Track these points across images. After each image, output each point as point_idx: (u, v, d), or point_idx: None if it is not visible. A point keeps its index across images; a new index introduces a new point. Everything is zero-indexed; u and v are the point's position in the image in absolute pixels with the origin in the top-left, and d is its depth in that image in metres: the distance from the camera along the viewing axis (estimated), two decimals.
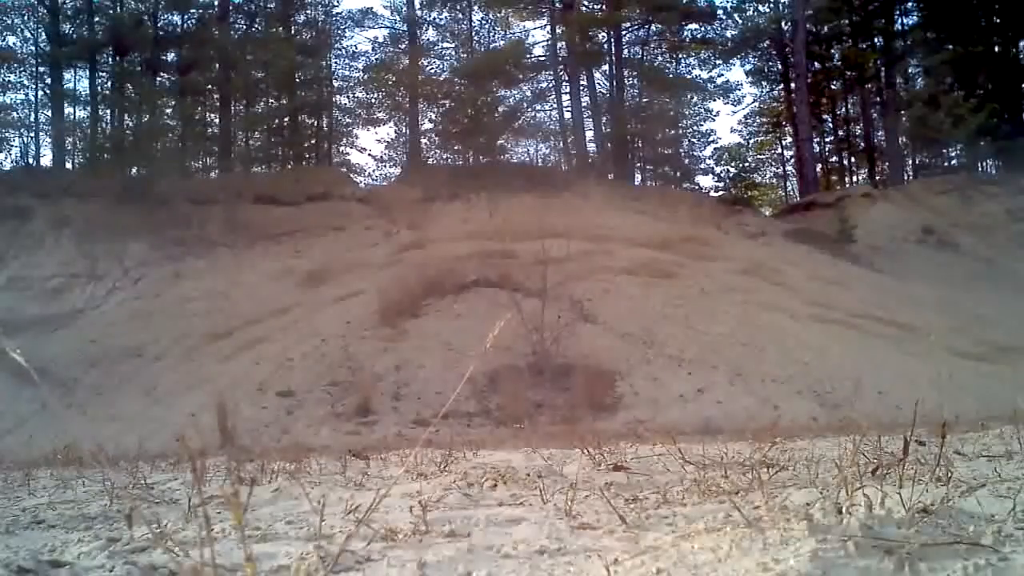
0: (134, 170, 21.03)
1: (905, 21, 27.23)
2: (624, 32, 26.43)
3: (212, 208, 19.67)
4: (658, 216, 20.28)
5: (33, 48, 24.86)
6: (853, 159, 29.81)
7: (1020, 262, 16.40)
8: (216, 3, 25.26)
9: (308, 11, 27.26)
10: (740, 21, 27.83)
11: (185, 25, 25.28)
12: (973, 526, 1.62)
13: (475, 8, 26.81)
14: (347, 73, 27.89)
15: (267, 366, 12.79)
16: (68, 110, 24.99)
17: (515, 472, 3.41)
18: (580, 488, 2.66)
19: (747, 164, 30.87)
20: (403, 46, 26.64)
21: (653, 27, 26.63)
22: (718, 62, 27.87)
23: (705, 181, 29.45)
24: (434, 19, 27.39)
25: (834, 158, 30.29)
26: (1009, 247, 18.23)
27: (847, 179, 29.36)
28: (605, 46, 26.52)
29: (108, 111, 24.65)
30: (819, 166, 27.81)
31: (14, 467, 5.46)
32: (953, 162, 27.06)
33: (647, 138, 27.33)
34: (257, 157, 26.97)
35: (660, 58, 28.07)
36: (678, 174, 28.36)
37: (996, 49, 25.02)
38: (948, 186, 22.56)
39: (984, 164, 26.03)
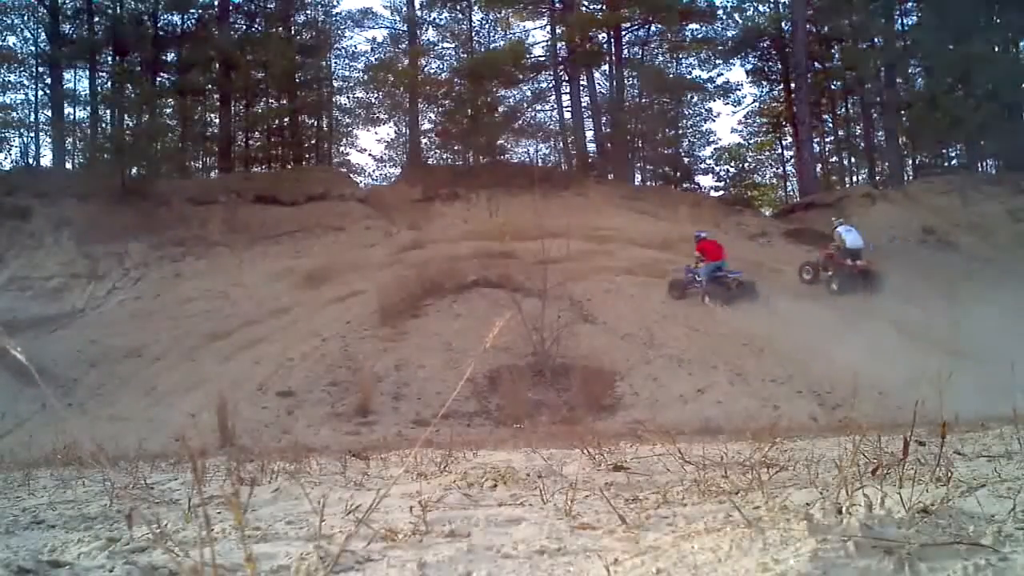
0: (134, 170, 21.04)
1: (905, 21, 27.25)
2: (624, 32, 26.42)
3: (212, 208, 19.68)
4: (658, 216, 20.29)
5: (33, 48, 24.87)
6: (853, 159, 29.79)
7: (1020, 262, 16.39)
8: (216, 3, 25.26)
9: (308, 11, 27.26)
10: (740, 21, 27.84)
11: (185, 25, 25.30)
12: (973, 526, 1.62)
13: (475, 8, 26.81)
14: (347, 73, 27.90)
15: (267, 366, 12.80)
16: (68, 110, 25.03)
17: (515, 472, 3.41)
18: (580, 488, 2.66)
19: (747, 164, 30.91)
20: (403, 46, 26.64)
21: (653, 27, 26.62)
22: (718, 62, 27.88)
23: (705, 181, 29.48)
24: (434, 19, 27.40)
25: (834, 158, 30.28)
26: (1009, 247, 18.22)
27: (847, 179, 29.34)
28: (605, 46, 26.51)
29: (108, 111, 24.66)
30: (819, 166, 27.79)
31: (14, 467, 5.46)
32: (953, 162, 27.05)
33: (647, 138, 27.32)
34: (257, 157, 26.97)
35: (660, 58, 28.07)
36: (678, 174, 28.36)
37: (996, 49, 25.00)
38: (948, 186, 22.53)
39: (984, 164, 26.01)
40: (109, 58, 24.72)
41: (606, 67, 26.91)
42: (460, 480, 3.12)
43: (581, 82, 26.24)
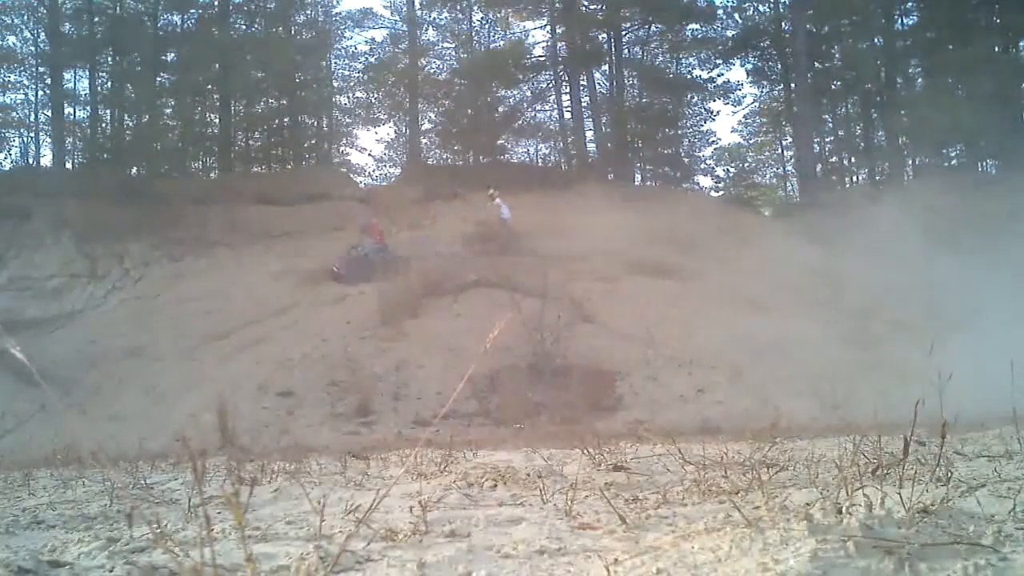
0: (134, 170, 20.99)
1: (905, 21, 27.22)
2: (624, 32, 26.41)
3: (212, 208, 19.65)
4: (658, 216, 20.26)
5: (33, 48, 24.81)
6: (853, 159, 29.75)
7: (1021, 262, 16.38)
8: (216, 3, 25.25)
9: (308, 11, 27.23)
10: (740, 21, 27.80)
11: (185, 25, 25.27)
12: (973, 526, 1.62)
13: (475, 8, 26.80)
14: (347, 73, 27.89)
15: (267, 366, 12.79)
16: (68, 110, 24.92)
17: (515, 472, 3.42)
18: (580, 488, 2.66)
19: (747, 164, 30.87)
20: (403, 46, 26.63)
21: (653, 27, 26.60)
22: (718, 62, 27.82)
23: (705, 181, 29.44)
24: (434, 19, 27.39)
25: (834, 158, 30.24)
26: (1009, 247, 18.21)
27: (847, 179, 29.31)
28: (605, 46, 26.50)
29: (108, 111, 24.63)
30: (819, 166, 27.76)
31: (14, 467, 5.46)
32: (953, 162, 27.01)
33: (647, 138, 27.30)
34: (257, 157, 26.96)
35: (660, 58, 28.04)
36: (678, 174, 28.33)
37: (996, 49, 24.98)
38: (948, 186, 22.51)
39: (984, 164, 25.99)
40: (109, 58, 24.69)
41: (606, 67, 26.90)
42: (460, 480, 3.12)
43: (581, 82, 26.23)
